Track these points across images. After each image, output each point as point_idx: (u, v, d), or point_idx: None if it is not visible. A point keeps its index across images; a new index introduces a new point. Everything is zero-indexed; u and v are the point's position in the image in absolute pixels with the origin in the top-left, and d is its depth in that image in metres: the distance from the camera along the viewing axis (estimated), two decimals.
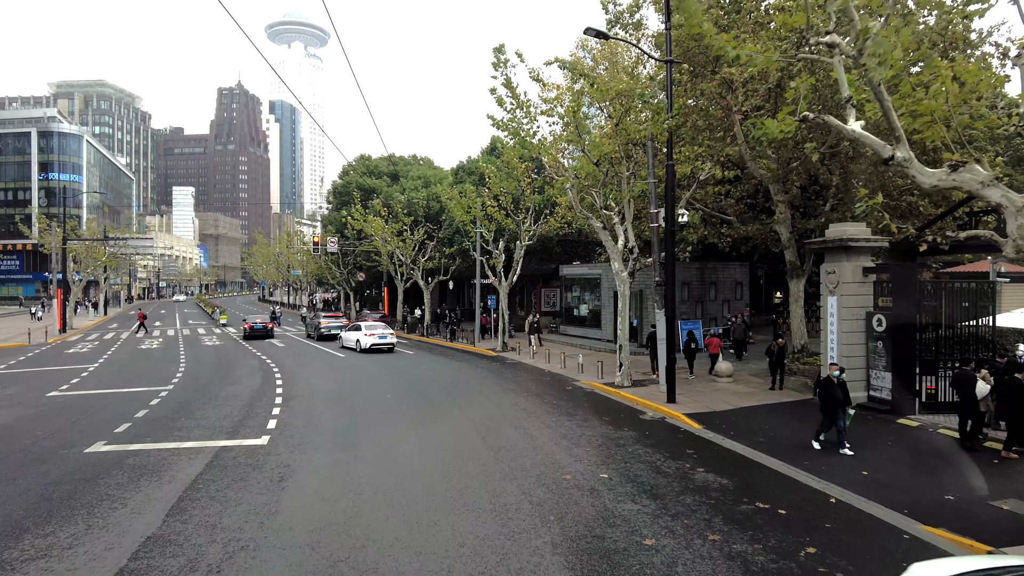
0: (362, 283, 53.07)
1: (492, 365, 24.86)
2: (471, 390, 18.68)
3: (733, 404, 16.16)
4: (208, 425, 14.08)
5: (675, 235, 16.77)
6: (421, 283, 40.44)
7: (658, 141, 16.91)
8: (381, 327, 29.99)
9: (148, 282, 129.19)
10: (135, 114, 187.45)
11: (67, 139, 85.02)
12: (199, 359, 27.23)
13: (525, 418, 14.71)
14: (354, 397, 17.52)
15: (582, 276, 32.76)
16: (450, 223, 38.04)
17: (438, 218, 45.26)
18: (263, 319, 37.05)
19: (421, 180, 47.40)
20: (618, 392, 18.09)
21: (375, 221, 39.55)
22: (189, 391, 18.73)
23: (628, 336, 19.25)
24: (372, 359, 26.75)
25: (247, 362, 25.83)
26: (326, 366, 24.47)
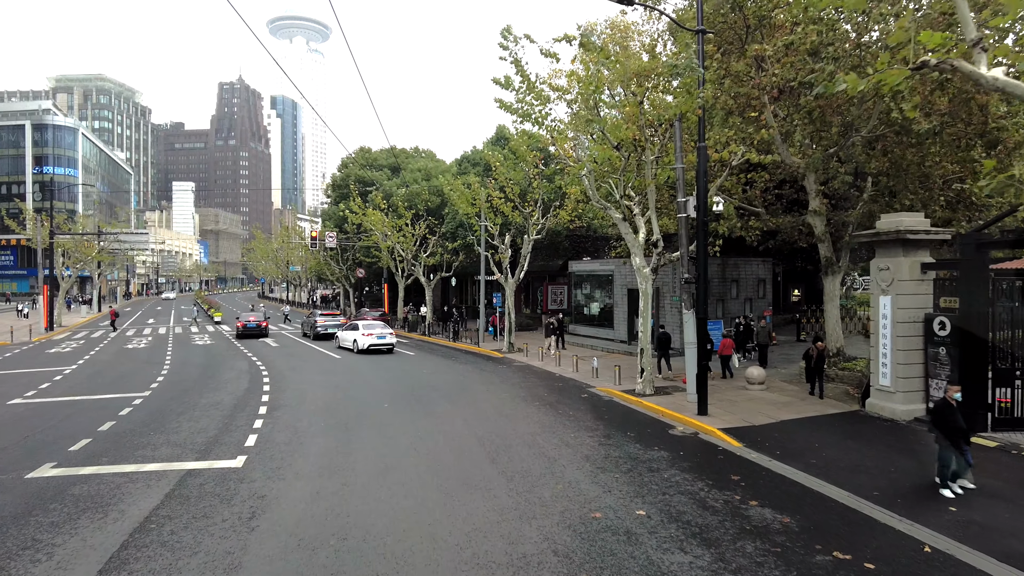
0: (362, 280, 51.34)
1: (499, 369, 23.10)
2: (477, 398, 16.90)
3: (772, 416, 14.37)
4: (179, 441, 12.34)
5: (707, 226, 14.96)
6: (423, 280, 38.68)
7: (689, 120, 15.09)
8: (380, 326, 28.25)
9: (147, 278, 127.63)
10: (135, 108, 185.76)
11: (62, 132, 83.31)
12: (185, 360, 25.50)
13: (539, 433, 12.93)
14: (347, 407, 15.76)
15: (593, 273, 30.96)
16: (453, 216, 36.25)
17: (440, 212, 43.48)
18: (256, 317, 35.34)
19: (422, 172, 45.58)
20: (640, 401, 16.31)
21: (374, 215, 37.79)
22: (166, 398, 16.99)
23: (651, 339, 17.45)
24: (369, 361, 25.01)
25: (235, 364, 24.09)
26: (319, 369, 22.72)
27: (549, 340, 26.22)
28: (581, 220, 29.57)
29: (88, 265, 60.24)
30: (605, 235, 41.85)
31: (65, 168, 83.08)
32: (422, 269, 38.90)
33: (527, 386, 19.06)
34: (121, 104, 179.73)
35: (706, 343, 21.03)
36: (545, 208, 28.63)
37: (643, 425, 14.05)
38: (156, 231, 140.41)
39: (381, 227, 37.90)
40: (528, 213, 26.86)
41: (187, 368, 23.20)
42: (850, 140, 17.33)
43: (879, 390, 14.11)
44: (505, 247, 27.95)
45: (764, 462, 11.17)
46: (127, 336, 37.17)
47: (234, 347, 30.55)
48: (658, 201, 18.92)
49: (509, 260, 28.19)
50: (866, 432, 12.95)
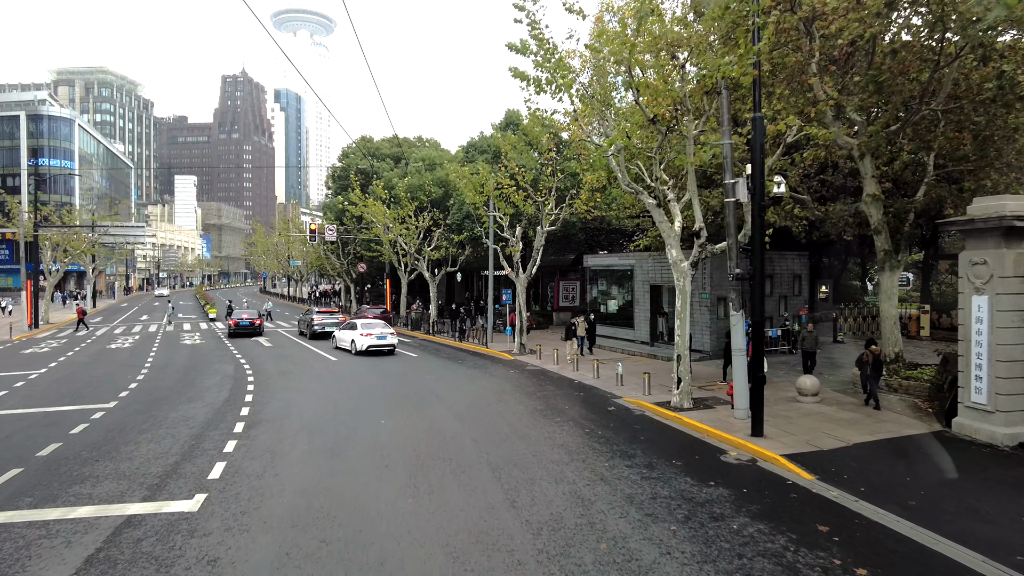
0: (363, 275, 49.13)
1: (511, 374, 20.84)
2: (489, 413, 14.63)
3: (841, 438, 12.06)
4: (129, 472, 10.13)
5: (764, 211, 12.64)
6: (427, 275, 36.41)
7: (742, 85, 12.74)
8: (380, 325, 26.01)
9: (148, 273, 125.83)
10: (137, 101, 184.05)
11: (57, 123, 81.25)
12: (167, 363, 23.34)
13: (567, 462, 10.67)
14: (337, 423, 13.51)
15: (611, 267, 28.65)
16: (459, 207, 33.95)
17: (445, 203, 41.17)
18: (250, 315, 33.14)
19: (425, 162, 43.27)
20: (679, 417, 14.02)
21: (375, 206, 35.54)
22: (132, 411, 14.79)
23: (688, 343, 15.16)
24: (368, 364, 22.78)
25: (220, 368, 21.90)
26: (312, 375, 20.49)
27: (571, 345, 23.31)
28: (597, 211, 27.23)
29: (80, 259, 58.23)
30: (621, 228, 39.51)
31: (61, 160, 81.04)
32: (426, 264, 36.64)
33: (544, 396, 16.80)
34: (123, 97, 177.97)
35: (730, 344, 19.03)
36: (560, 197, 26.32)
37: (689, 449, 11.77)
38: (158, 225, 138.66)
39: (383, 219, 35.65)
40: (541, 202, 24.55)
41: (167, 372, 21.02)
42: (919, 113, 14.96)
43: (971, 408, 11.79)
44: (516, 239, 25.65)
45: (851, 503, 8.89)
46: (114, 335, 35.07)
47: (223, 347, 28.37)
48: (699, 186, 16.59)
49: (520, 254, 25.88)
50: (964, 461, 10.64)
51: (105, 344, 30.02)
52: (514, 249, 25.46)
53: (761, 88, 12.44)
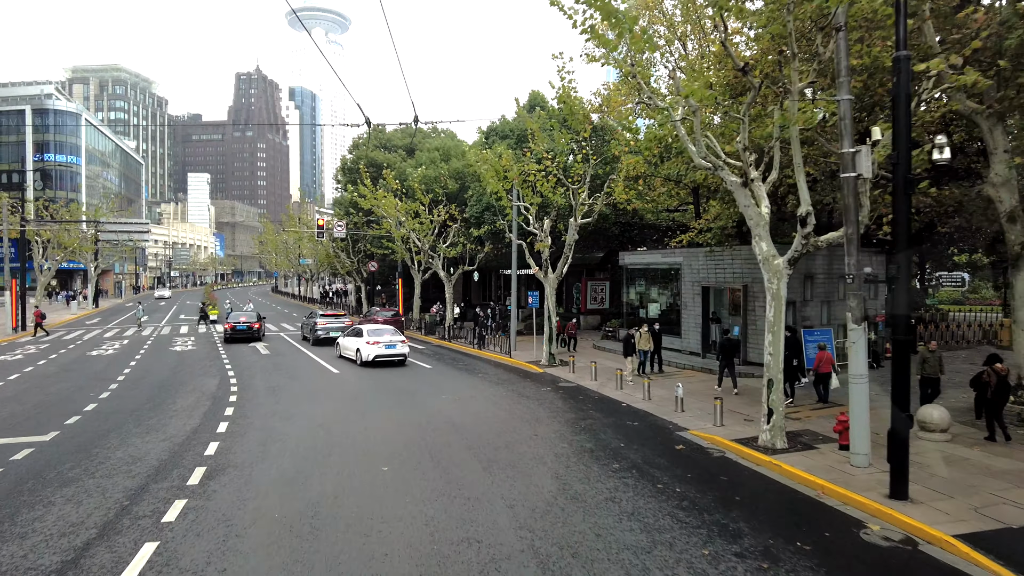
0: (374, 274, 45.98)
1: (542, 392, 17.50)
2: (524, 456, 11.29)
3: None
4: (9, 558, 6.94)
5: (911, 186, 9.20)
6: (442, 274, 33.14)
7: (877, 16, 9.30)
8: (389, 332, 22.77)
9: (159, 271, 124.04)
10: (151, 99, 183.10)
11: (63, 117, 79.10)
12: (144, 375, 20.28)
13: (649, 550, 7.31)
14: (324, 472, 10.24)
15: (652, 266, 25.21)
16: (478, 199, 30.66)
17: (461, 196, 37.92)
18: (248, 318, 30.07)
19: (440, 152, 40.02)
20: (775, 464, 10.60)
21: (386, 199, 32.33)
22: (70, 447, 11.65)
23: (782, 363, 11.74)
24: (374, 379, 19.57)
25: (202, 383, 18.77)
26: (306, 393, 17.27)
27: (630, 364, 19.02)
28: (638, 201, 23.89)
29: (81, 257, 55.84)
30: (655, 224, 36.09)
31: (67, 155, 78.91)
32: (441, 262, 33.38)
33: (590, 427, 13.43)
34: (137, 95, 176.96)
35: (792, 358, 15.76)
36: (594, 185, 22.96)
37: (809, 519, 8.38)
38: (170, 223, 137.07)
39: (394, 212, 32.43)
40: (575, 190, 21.17)
41: (138, 388, 17.93)
42: None
43: None
44: (544, 234, 22.29)
45: None
46: (103, 339, 32.22)
47: (214, 355, 25.30)
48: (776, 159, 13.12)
49: (550, 250, 22.53)
50: None
51: (88, 350, 27.09)
52: (543, 245, 22.11)
53: (906, 17, 8.96)
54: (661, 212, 35.47)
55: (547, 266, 22.50)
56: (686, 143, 12.16)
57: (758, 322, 19.18)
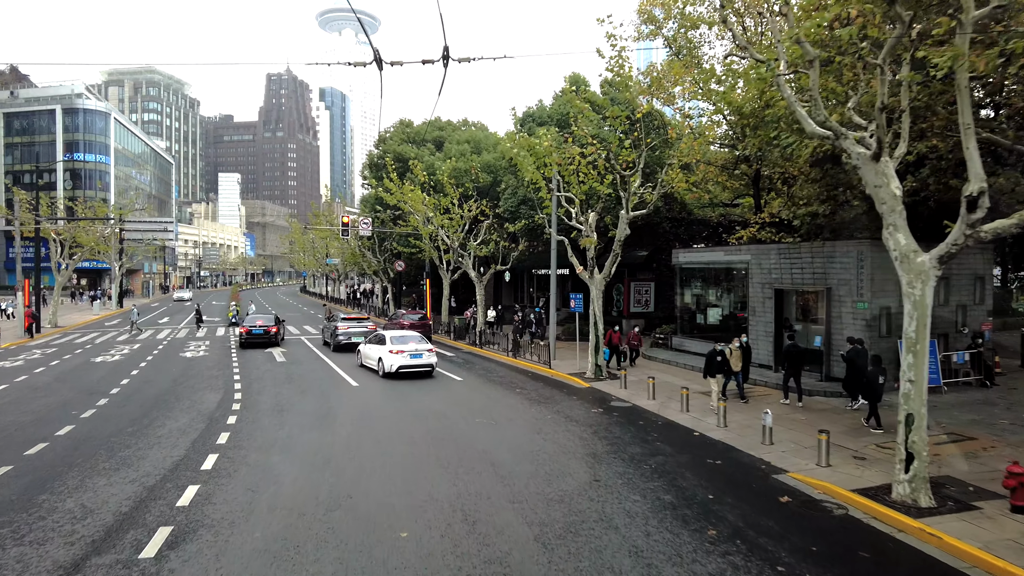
0: (401, 274, 43.68)
1: (594, 416, 14.78)
2: (585, 514, 8.59)
3: None
4: None
5: None
6: (472, 274, 30.58)
7: None
8: (415, 339, 20.27)
9: (190, 271, 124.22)
10: (183, 100, 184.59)
11: (92, 116, 78.66)
12: (141, 387, 18.10)
13: None
14: (325, 539, 7.66)
15: (713, 265, 22.30)
16: (512, 192, 28.05)
17: (494, 190, 35.36)
18: (265, 322, 27.89)
19: (470, 144, 37.51)
20: (931, 534, 7.73)
21: (413, 193, 29.89)
22: (15, 490, 9.33)
23: (926, 393, 8.87)
24: (397, 395, 17.07)
25: (202, 399, 16.47)
26: (317, 416, 14.79)
27: (715, 386, 15.06)
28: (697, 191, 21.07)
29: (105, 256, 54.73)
30: (704, 219, 33.06)
31: (96, 155, 78.43)
32: (471, 261, 30.81)
33: (662, 467, 10.67)
34: (170, 96, 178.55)
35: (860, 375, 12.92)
36: (644, 175, 20.15)
37: None
38: (200, 223, 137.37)
39: (421, 208, 29.96)
40: (628, 177, 18.40)
41: (130, 404, 15.70)
42: None
43: None
44: (589, 228, 19.55)
45: None
46: (115, 343, 30.42)
47: (226, 363, 23.13)
48: None
49: (597, 247, 19.79)
50: None
51: (93, 356, 25.17)
52: (589, 241, 19.37)
53: None
54: (707, 207, 32.46)
55: (593, 265, 19.76)
56: (793, 105, 9.34)
57: (845, 331, 16.18)
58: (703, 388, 17.67)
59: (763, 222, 24.70)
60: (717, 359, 15.09)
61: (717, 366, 15.11)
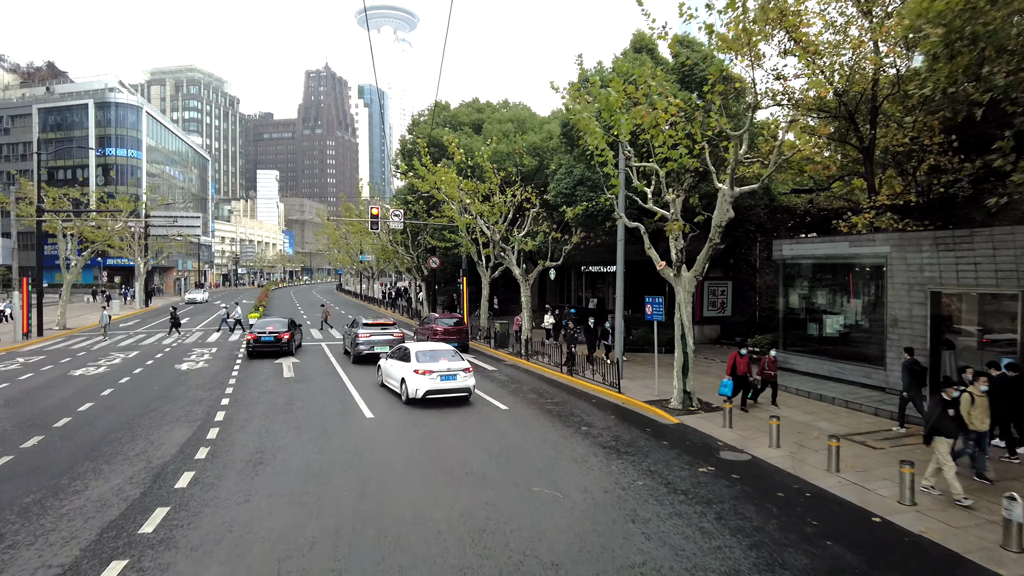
0: (436, 271, 39.47)
1: (706, 483, 10.11)
2: None
3: None
4: None
5: None
6: (516, 271, 26.04)
7: None
8: (447, 354, 15.88)
9: (227, 268, 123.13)
10: (223, 98, 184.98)
11: (124, 110, 76.87)
12: (102, 414, 14.17)
13: None
14: None
15: (833, 260, 17.32)
16: (567, 172, 23.47)
17: (540, 176, 30.88)
18: (275, 328, 23.91)
19: (514, 123, 33.13)
20: None
21: (448, 175, 25.52)
22: None
23: None
24: (422, 434, 12.72)
25: (164, 437, 12.37)
26: (307, 471, 10.51)
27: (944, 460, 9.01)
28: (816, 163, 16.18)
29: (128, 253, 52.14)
30: (788, 206, 27.93)
31: (128, 149, 76.64)
32: (515, 256, 26.30)
33: None
34: (210, 94, 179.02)
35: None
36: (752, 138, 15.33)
37: None
38: (238, 220, 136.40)
39: (457, 193, 25.57)
40: (737, 137, 13.60)
41: (69, 443, 11.73)
42: None
43: None
44: (676, 211, 14.86)
45: None
46: (117, 347, 26.97)
47: (222, 378, 19.18)
48: None
49: (677, 236, 15.05)
50: None
51: (78, 367, 21.59)
52: (676, 226, 14.66)
53: None
54: (785, 194, 27.33)
55: (681, 260, 15.05)
56: None
57: None
58: (843, 428, 12.84)
59: (883, 206, 19.63)
60: (949, 412, 9.20)
61: (952, 423, 9.25)
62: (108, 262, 70.07)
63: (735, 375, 14.21)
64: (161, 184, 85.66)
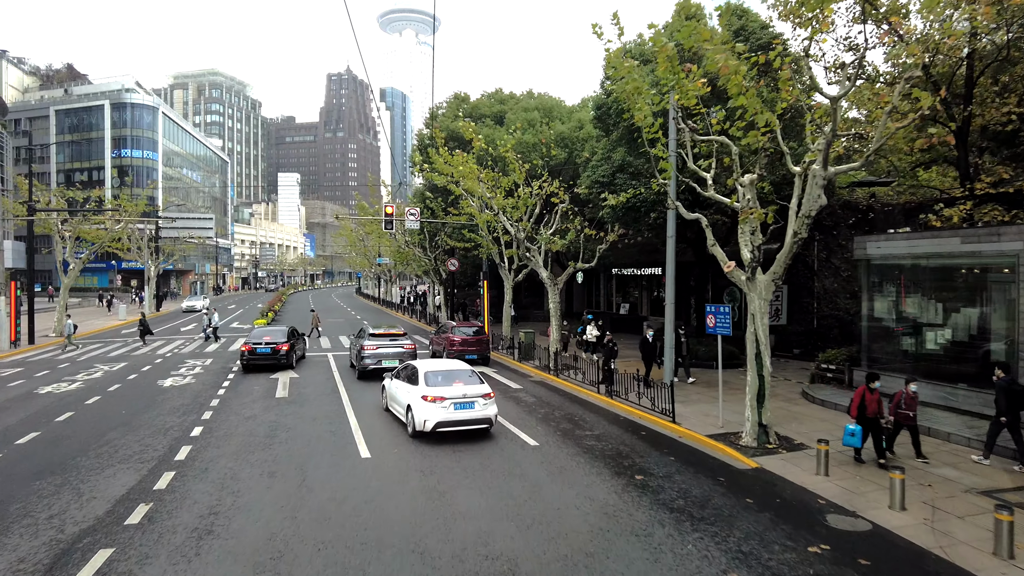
0: (454, 274, 36.68)
1: (811, 564, 7.07)
2: None
3: None
4: None
5: None
6: (544, 274, 23.08)
7: None
8: (463, 375, 12.98)
9: (247, 271, 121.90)
10: (246, 102, 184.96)
11: (140, 111, 75.54)
12: (30, 454, 11.53)
13: None
14: None
15: (935, 261, 14.11)
16: (604, 157, 20.51)
17: (570, 168, 28.00)
18: (273, 338, 21.28)
19: (540, 111, 30.27)
20: None
21: (466, 164, 22.66)
22: None
23: None
24: (430, 485, 9.85)
25: (100, 488, 9.65)
26: (271, 532, 7.78)
27: None
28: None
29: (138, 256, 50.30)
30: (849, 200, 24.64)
31: (144, 150, 75.29)
32: (543, 257, 23.35)
33: None
34: (232, 98, 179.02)
35: None
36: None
37: None
38: (258, 223, 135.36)
39: (477, 187, 22.72)
40: (837, 97, 10.50)
41: None
42: None
43: None
44: (751, 196, 11.83)
45: None
46: (103, 358, 24.63)
47: (203, 399, 16.53)
48: None
49: (755, 229, 12.00)
50: None
51: (50, 383, 19.14)
52: (753, 215, 11.63)
53: None
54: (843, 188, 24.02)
55: (757, 259, 12.00)
56: None
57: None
58: (978, 478, 9.72)
59: (985, 194, 16.41)
60: None
61: None
62: (123, 265, 68.55)
63: (863, 417, 10.87)
64: (180, 187, 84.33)
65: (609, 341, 17.72)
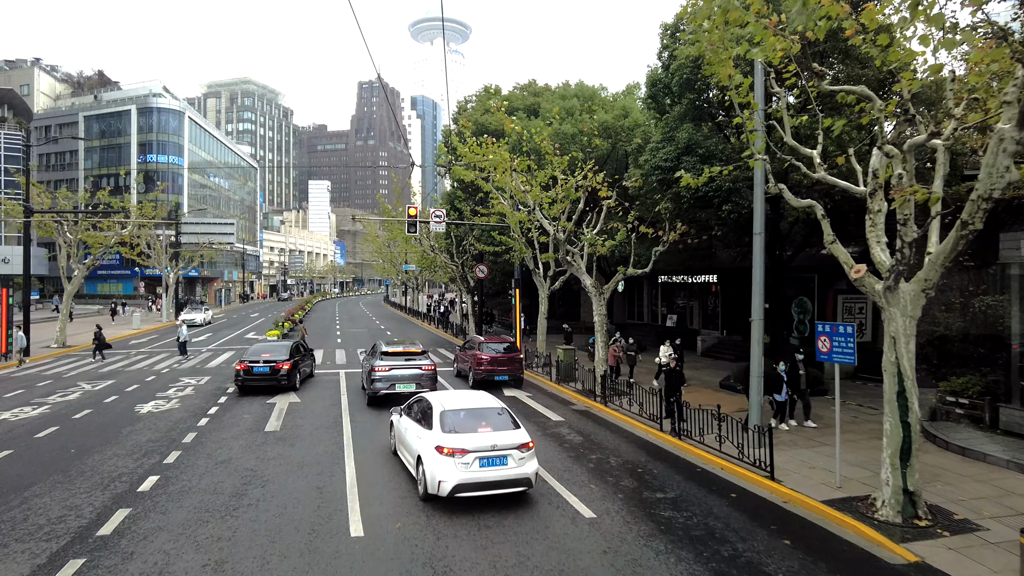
0: (483, 281, 33.50)
1: None
2: None
3: None
4: None
5: None
6: (588, 281, 19.68)
7: None
8: (492, 414, 9.75)
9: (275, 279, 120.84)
10: (277, 110, 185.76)
11: (166, 115, 74.40)
12: None
13: None
14: None
15: None
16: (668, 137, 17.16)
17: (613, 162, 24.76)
18: (273, 355, 18.31)
19: (579, 99, 27.09)
20: None
21: (497, 153, 19.48)
22: None
23: None
24: None
25: None
26: None
27: None
28: None
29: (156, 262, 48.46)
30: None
31: (169, 155, 74.11)
32: (585, 261, 20.00)
33: None
34: (264, 106, 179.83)
35: None
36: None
37: None
38: (288, 230, 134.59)
39: (509, 181, 19.53)
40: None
41: None
42: None
43: None
44: (906, 169, 8.42)
45: None
46: (92, 376, 22.10)
47: (178, 431, 13.62)
48: None
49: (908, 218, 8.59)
50: None
51: (11, 407, 16.50)
52: (906, 194, 8.22)
53: None
54: None
55: (907, 261, 8.58)
56: None
57: None
58: None
59: None
60: None
61: None
62: (146, 272, 67.23)
63: None
64: (207, 194, 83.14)
65: (678, 365, 14.33)
